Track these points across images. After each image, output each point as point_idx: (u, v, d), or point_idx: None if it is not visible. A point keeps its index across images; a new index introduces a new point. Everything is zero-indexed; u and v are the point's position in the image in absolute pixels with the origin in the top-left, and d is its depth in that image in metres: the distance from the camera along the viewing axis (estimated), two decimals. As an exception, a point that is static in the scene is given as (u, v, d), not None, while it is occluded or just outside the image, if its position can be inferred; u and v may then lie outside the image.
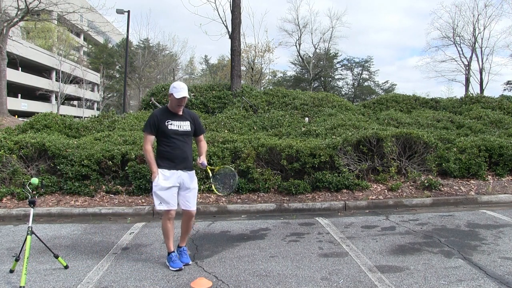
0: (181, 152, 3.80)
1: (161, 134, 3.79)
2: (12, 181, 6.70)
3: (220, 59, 52.65)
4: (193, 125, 3.92)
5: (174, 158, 3.77)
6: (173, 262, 3.81)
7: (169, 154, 3.78)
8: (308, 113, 11.63)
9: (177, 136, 3.79)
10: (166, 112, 3.85)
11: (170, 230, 3.87)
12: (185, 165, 3.83)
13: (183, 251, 3.97)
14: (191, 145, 3.97)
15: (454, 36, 34.54)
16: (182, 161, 3.80)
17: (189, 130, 3.87)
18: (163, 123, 3.77)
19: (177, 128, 3.79)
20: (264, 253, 4.27)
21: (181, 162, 3.80)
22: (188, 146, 3.89)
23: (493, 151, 7.52)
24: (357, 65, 47.43)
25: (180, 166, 3.80)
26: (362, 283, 3.43)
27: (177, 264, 3.81)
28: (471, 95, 14.57)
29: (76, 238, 4.94)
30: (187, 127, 3.85)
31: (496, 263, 3.84)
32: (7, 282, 3.54)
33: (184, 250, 3.99)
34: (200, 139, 4.05)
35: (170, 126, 3.77)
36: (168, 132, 3.76)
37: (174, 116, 3.82)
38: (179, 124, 3.81)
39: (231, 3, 13.26)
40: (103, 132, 8.67)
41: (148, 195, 6.63)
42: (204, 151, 4.04)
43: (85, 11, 18.42)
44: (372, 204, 6.49)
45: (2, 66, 16.57)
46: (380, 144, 7.07)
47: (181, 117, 3.85)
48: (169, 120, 3.79)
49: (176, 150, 3.78)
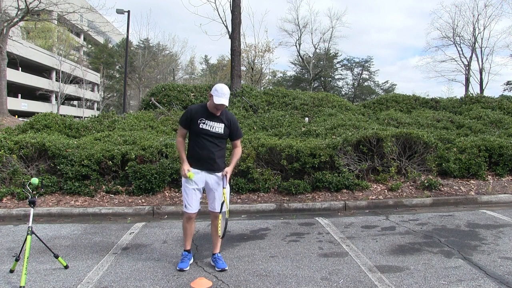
0: (208, 153, 3.66)
1: (192, 131, 3.70)
2: (12, 181, 6.70)
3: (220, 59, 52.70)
4: (228, 129, 3.73)
5: (200, 158, 3.66)
6: (180, 261, 3.82)
7: (196, 154, 3.68)
8: (308, 113, 11.63)
9: (207, 136, 3.65)
10: (203, 110, 3.69)
11: (188, 229, 3.86)
12: (211, 167, 3.70)
13: (217, 257, 3.84)
14: (223, 148, 3.80)
15: (454, 36, 34.56)
16: (208, 163, 3.67)
17: (221, 133, 3.69)
18: (196, 121, 3.65)
19: (208, 129, 3.65)
20: (264, 253, 4.27)
21: (206, 164, 3.67)
22: (219, 148, 3.72)
23: (493, 151, 7.52)
24: (357, 65, 47.45)
25: (205, 167, 3.69)
26: (362, 283, 3.43)
27: (182, 264, 3.78)
28: (471, 95, 14.58)
29: (76, 238, 4.94)
30: (219, 130, 3.68)
31: (496, 263, 3.84)
32: (7, 282, 3.54)
33: (219, 256, 3.85)
34: (236, 144, 3.86)
35: (202, 125, 3.64)
36: (198, 131, 3.65)
37: (209, 116, 3.66)
38: (212, 125, 3.66)
39: (231, 3, 13.27)
40: (103, 132, 8.67)
41: (148, 195, 6.63)
42: (234, 160, 3.81)
43: (85, 11, 18.44)
44: (372, 204, 6.49)
45: (2, 66, 16.58)
46: (380, 144, 7.07)
47: (217, 118, 3.68)
48: (203, 118, 3.65)
49: (203, 150, 3.66)
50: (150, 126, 9.91)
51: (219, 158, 3.73)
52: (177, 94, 13.00)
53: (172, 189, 6.83)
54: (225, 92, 3.56)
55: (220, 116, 3.69)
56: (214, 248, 3.91)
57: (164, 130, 9.74)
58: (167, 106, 12.52)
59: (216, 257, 3.85)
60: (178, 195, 6.67)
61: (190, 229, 3.88)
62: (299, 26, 38.95)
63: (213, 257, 3.88)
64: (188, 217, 3.82)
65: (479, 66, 33.76)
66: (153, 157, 6.80)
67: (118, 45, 48.97)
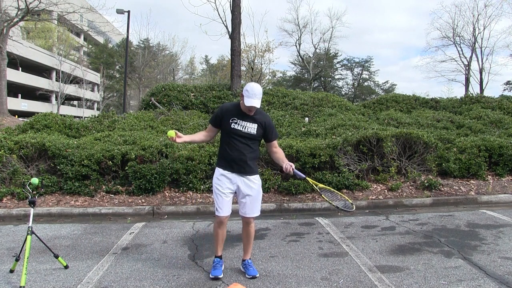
0: (239, 155, 3.46)
1: (224, 131, 3.52)
2: (12, 181, 6.70)
3: (220, 59, 52.71)
4: (262, 130, 3.51)
5: (231, 160, 3.48)
6: (213, 268, 3.62)
7: (227, 155, 3.50)
8: (308, 113, 11.63)
9: (239, 137, 3.45)
10: (235, 109, 3.49)
11: (219, 234, 3.62)
12: (242, 170, 3.50)
13: (247, 264, 3.65)
14: (256, 150, 3.59)
15: (454, 36, 34.52)
16: (239, 165, 3.48)
17: (254, 134, 3.48)
18: (227, 120, 3.46)
19: (240, 129, 3.45)
20: (264, 253, 4.27)
21: (237, 165, 3.48)
22: (251, 150, 3.51)
23: (493, 151, 7.52)
24: (357, 65, 47.43)
25: (236, 169, 3.49)
26: (362, 283, 3.43)
27: (215, 271, 3.57)
28: (471, 95, 14.58)
29: (76, 238, 4.94)
30: (252, 130, 3.47)
31: (496, 263, 3.84)
32: (7, 282, 3.54)
33: (249, 262, 3.67)
34: (273, 145, 3.62)
35: (234, 125, 3.45)
36: (229, 130, 3.46)
37: (242, 116, 3.46)
38: (245, 125, 3.45)
39: (231, 3, 13.26)
40: (103, 132, 8.67)
41: (148, 195, 6.63)
42: (283, 156, 3.62)
43: (85, 11, 18.45)
44: (372, 204, 6.49)
45: (2, 66, 16.58)
46: (380, 144, 7.07)
47: (250, 118, 3.46)
48: (235, 118, 3.45)
49: (234, 151, 3.46)
50: (150, 126, 9.91)
51: (251, 160, 3.54)
52: (177, 94, 13.00)
53: (172, 189, 6.83)
54: (256, 92, 3.32)
55: (253, 116, 3.48)
56: (244, 254, 3.73)
57: (164, 130, 9.74)
58: (167, 106, 12.52)
59: (246, 264, 3.67)
60: (178, 195, 6.67)
61: (222, 234, 3.64)
62: (299, 26, 38.97)
63: (243, 263, 3.70)
64: (219, 221, 3.56)
65: (479, 66, 33.77)
66: (153, 157, 6.80)
67: (118, 45, 48.98)
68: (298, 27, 39.01)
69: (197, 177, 6.74)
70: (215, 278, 3.54)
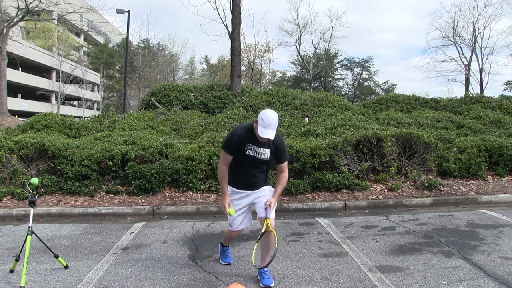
0: (252, 177, 3.49)
1: (237, 155, 3.44)
2: (12, 181, 6.70)
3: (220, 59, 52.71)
4: (274, 153, 3.48)
5: (244, 182, 3.50)
6: (225, 257, 3.83)
7: (239, 177, 3.50)
8: (308, 113, 11.63)
9: (252, 162, 3.44)
10: (248, 134, 3.40)
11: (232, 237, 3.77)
12: (255, 188, 3.53)
13: (263, 272, 3.48)
14: (267, 171, 3.62)
15: (454, 36, 34.52)
16: (251, 185, 3.51)
17: (268, 159, 3.47)
18: (243, 148, 3.39)
19: (254, 155, 3.41)
20: (264, 253, 4.26)
21: (250, 186, 3.51)
22: (263, 172, 3.54)
23: (493, 151, 7.52)
24: (357, 65, 47.45)
25: (249, 188, 3.52)
26: (362, 283, 3.43)
27: (228, 259, 3.85)
28: (471, 95, 14.57)
29: (76, 238, 4.94)
30: (266, 156, 3.44)
31: (496, 263, 3.84)
32: (7, 282, 3.54)
33: (266, 271, 3.49)
34: (282, 168, 3.55)
35: (248, 151, 3.40)
36: (244, 157, 3.42)
37: (256, 141, 3.39)
38: (259, 151, 3.42)
39: (231, 3, 13.26)
40: (103, 132, 8.68)
41: (148, 195, 6.63)
42: (279, 188, 3.51)
43: (85, 11, 18.44)
44: (372, 204, 6.50)
45: (2, 66, 16.58)
46: (380, 144, 7.07)
47: (263, 144, 3.41)
48: (250, 144, 3.39)
49: (247, 175, 3.48)
50: (150, 126, 9.91)
51: (263, 179, 3.58)
52: (177, 94, 13.00)
53: (172, 189, 6.83)
54: (272, 123, 3.21)
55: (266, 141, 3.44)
56: (261, 261, 3.54)
57: (164, 130, 9.75)
58: (167, 106, 12.52)
59: (262, 271, 3.49)
60: (178, 195, 6.67)
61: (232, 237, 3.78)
62: (299, 26, 38.97)
63: (259, 271, 3.53)
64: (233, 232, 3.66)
65: (479, 66, 33.76)
66: (153, 157, 6.80)
67: (118, 45, 48.98)
68: (298, 27, 39.04)
69: (197, 177, 6.74)
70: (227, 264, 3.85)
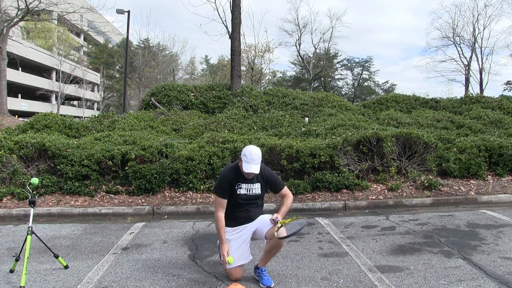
0: (248, 213, 3.54)
1: (231, 197, 3.48)
2: (12, 181, 6.70)
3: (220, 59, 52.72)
4: (266, 185, 3.56)
5: (240, 219, 3.54)
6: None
7: (234, 216, 3.52)
8: (308, 113, 11.63)
9: (245, 200, 3.49)
10: (235, 173, 3.46)
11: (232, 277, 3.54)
12: (251, 220, 3.57)
13: (261, 271, 3.50)
14: (261, 205, 3.69)
15: (454, 36, 34.53)
16: (248, 220, 3.56)
17: (259, 194, 3.54)
18: (234, 186, 3.45)
19: (246, 192, 3.47)
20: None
21: (247, 221, 3.56)
22: (257, 206, 3.60)
23: (493, 151, 7.52)
24: (357, 65, 47.49)
25: (245, 223, 3.56)
26: (362, 283, 3.43)
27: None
28: (471, 95, 14.57)
29: (76, 238, 4.94)
30: (257, 191, 3.51)
31: (496, 263, 3.84)
32: (7, 282, 3.54)
33: (264, 271, 3.50)
34: (282, 194, 3.62)
35: (239, 190, 3.46)
36: (236, 196, 3.46)
37: (244, 178, 3.45)
38: (248, 187, 3.48)
39: (231, 3, 13.26)
40: (103, 132, 8.68)
41: (148, 195, 6.63)
42: (284, 209, 3.55)
43: (85, 11, 18.44)
44: (372, 204, 6.49)
45: (2, 66, 16.58)
46: (380, 144, 7.07)
47: (251, 180, 3.48)
48: (239, 183, 3.45)
49: (242, 212, 3.53)
50: (150, 126, 9.92)
51: (258, 213, 3.62)
52: (177, 94, 13.01)
53: (172, 189, 6.83)
54: (254, 157, 3.31)
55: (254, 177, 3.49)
56: (260, 261, 3.58)
57: (164, 130, 9.75)
58: (167, 106, 12.53)
59: (260, 271, 3.50)
60: (178, 195, 6.67)
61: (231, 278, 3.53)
62: (299, 26, 38.98)
63: (256, 271, 3.54)
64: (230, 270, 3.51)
65: (479, 66, 33.77)
66: (153, 157, 6.80)
67: (118, 45, 49.01)
68: (298, 27, 39.05)
69: (197, 177, 6.74)
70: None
